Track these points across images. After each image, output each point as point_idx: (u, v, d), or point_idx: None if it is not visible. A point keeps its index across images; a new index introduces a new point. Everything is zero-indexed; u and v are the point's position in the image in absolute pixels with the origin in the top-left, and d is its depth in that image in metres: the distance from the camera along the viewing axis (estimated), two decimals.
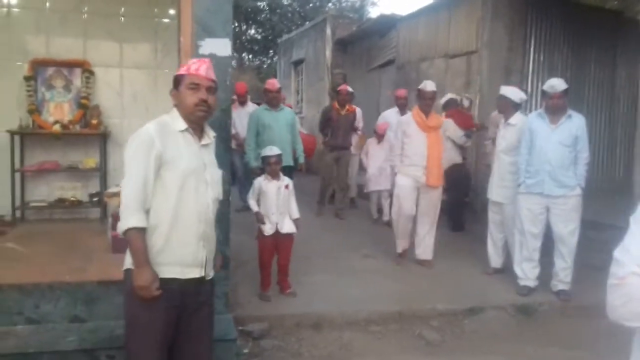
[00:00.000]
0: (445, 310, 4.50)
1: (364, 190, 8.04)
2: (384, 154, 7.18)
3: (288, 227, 4.53)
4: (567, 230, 4.70)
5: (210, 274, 2.52)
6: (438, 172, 5.42)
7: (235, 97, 7.92)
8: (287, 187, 4.51)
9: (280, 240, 4.55)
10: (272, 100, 6.32)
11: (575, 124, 4.68)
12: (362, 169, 8.19)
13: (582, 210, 4.75)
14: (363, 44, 12.45)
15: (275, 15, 23.69)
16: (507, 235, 5.22)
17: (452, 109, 7.31)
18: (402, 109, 7.40)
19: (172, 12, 5.64)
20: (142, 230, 2.27)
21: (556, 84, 4.64)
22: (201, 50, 3.50)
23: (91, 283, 3.40)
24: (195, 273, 2.39)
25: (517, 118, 5.06)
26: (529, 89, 8.38)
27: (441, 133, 5.73)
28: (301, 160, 6.57)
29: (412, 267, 5.55)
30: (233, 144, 6.53)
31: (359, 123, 8.25)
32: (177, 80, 2.45)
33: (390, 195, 6.96)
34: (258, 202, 4.50)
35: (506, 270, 5.25)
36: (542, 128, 4.72)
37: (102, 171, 5.46)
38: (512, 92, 5.10)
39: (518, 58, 8.25)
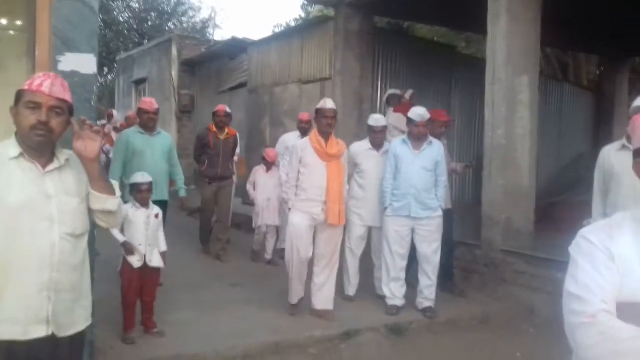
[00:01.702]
0: (322, 337, 4.44)
1: (252, 225, 6.95)
2: (273, 184, 6.55)
3: (156, 260, 4.16)
4: (431, 249, 4.94)
5: (68, 331, 2.05)
6: (339, 208, 4.64)
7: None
8: (156, 216, 4.15)
9: (147, 275, 4.15)
10: (148, 122, 5.36)
11: (435, 149, 4.98)
12: (247, 202, 7.34)
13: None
14: (212, 65, 12.22)
15: (110, 31, 22.41)
16: (373, 258, 5.36)
17: (395, 104, 6.87)
18: (304, 134, 6.56)
19: (5, 22, 4.97)
20: None
21: (422, 112, 4.90)
22: (61, 66, 3.10)
23: None
24: (38, 332, 1.94)
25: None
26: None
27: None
28: (182, 193, 5.73)
29: (280, 296, 5.41)
30: None
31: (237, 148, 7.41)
32: (17, 96, 2.00)
33: (277, 232, 6.68)
34: (122, 231, 4.08)
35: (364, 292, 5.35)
36: (405, 153, 4.93)
37: None
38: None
39: (368, 86, 8.64)
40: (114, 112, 10.62)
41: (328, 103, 4.66)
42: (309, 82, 9.15)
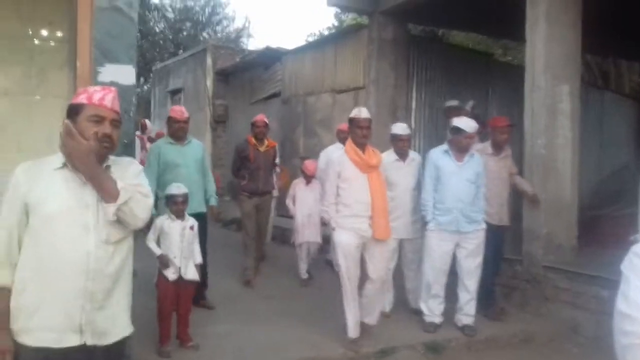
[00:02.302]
0: (358, 354, 4.33)
1: (291, 242, 6.65)
2: (314, 198, 6.16)
3: (192, 273, 4.13)
4: (475, 264, 4.80)
5: (104, 341, 2.06)
6: (386, 222, 4.34)
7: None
8: (192, 228, 4.13)
9: (183, 288, 4.13)
10: (178, 131, 5.12)
11: (476, 161, 4.86)
12: (288, 215, 6.90)
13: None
14: (246, 75, 12.27)
15: (147, 41, 22.82)
16: (405, 270, 5.23)
17: (455, 116, 6.21)
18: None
19: (46, 33, 5.05)
20: (5, 290, 1.97)
21: (473, 124, 4.79)
22: (101, 77, 3.12)
23: None
24: (71, 341, 1.97)
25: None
26: (413, 124, 8.70)
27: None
28: (213, 202, 5.32)
29: (315, 310, 5.34)
30: None
31: (277, 159, 7.07)
32: (75, 110, 2.07)
33: (321, 249, 6.37)
34: (158, 243, 4.07)
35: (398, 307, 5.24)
36: (448, 165, 4.80)
37: None
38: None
39: (402, 95, 8.54)
40: (147, 122, 10.73)
41: (363, 112, 4.38)
42: (342, 91, 9.09)
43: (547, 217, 5.69)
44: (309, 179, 6.37)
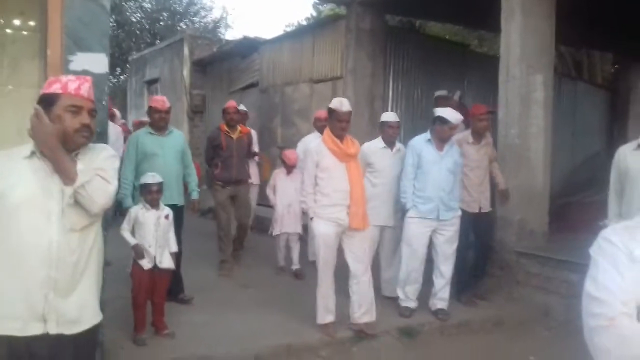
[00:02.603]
0: (334, 340, 4.39)
1: (268, 232, 6.56)
2: (294, 188, 5.99)
3: (167, 262, 4.14)
4: (452, 249, 4.92)
5: (70, 330, 2.03)
6: (363, 211, 4.34)
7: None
8: (167, 217, 4.13)
9: (158, 276, 4.14)
10: (159, 121, 4.98)
11: (455, 150, 4.97)
12: (269, 205, 6.79)
13: None
14: (223, 65, 12.20)
15: (123, 31, 22.49)
16: (382, 258, 5.31)
17: (443, 106, 5.92)
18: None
19: (18, 22, 4.97)
20: None
21: (458, 115, 4.85)
22: (72, 66, 3.10)
23: None
24: (34, 329, 1.96)
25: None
26: None
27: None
28: (195, 195, 5.25)
29: (295, 294, 5.39)
30: None
31: (255, 146, 7.01)
32: (49, 100, 2.03)
33: (300, 239, 6.30)
34: (132, 233, 4.07)
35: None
36: (430, 154, 4.86)
37: None
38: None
39: (379, 85, 8.58)
40: (116, 111, 10.59)
41: (344, 105, 4.29)
42: (320, 81, 9.10)
43: (520, 205, 5.80)
44: (289, 168, 6.25)
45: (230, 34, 25.20)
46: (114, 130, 6.67)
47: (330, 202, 4.27)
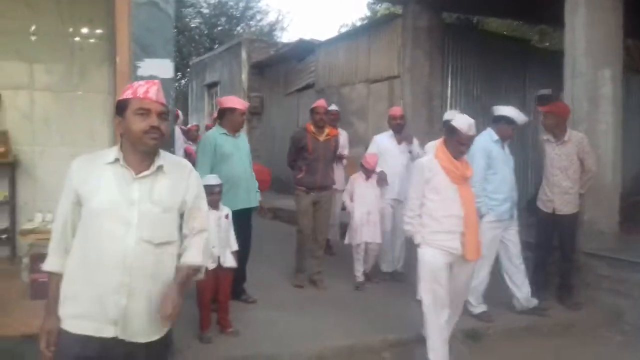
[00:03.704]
0: (396, 341, 4.36)
1: (345, 242, 5.89)
2: (374, 195, 5.61)
3: (230, 261, 4.22)
4: (520, 245, 4.88)
5: (141, 339, 2.07)
6: (477, 239, 3.84)
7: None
8: (227, 217, 4.21)
9: (221, 276, 4.22)
10: (235, 123, 4.85)
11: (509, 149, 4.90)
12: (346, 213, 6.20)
13: None
14: (280, 68, 12.36)
15: (183, 37, 23.14)
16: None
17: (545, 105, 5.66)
18: (399, 132, 5.85)
19: (86, 30, 5.20)
20: (56, 276, 2.07)
21: (523, 117, 4.81)
22: (140, 72, 3.20)
23: (13, 339, 2.93)
24: (107, 332, 2.01)
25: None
26: None
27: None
28: (258, 197, 5.11)
29: (358, 295, 5.37)
30: None
31: (345, 150, 6.44)
32: (122, 106, 2.10)
33: (379, 251, 5.77)
34: None
35: None
36: (500, 154, 4.76)
37: (11, 204, 4.89)
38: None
39: (438, 83, 8.47)
40: (180, 112, 10.86)
41: (472, 129, 3.72)
42: (376, 81, 9.07)
43: (589, 204, 5.56)
44: (369, 173, 5.66)
45: (286, 37, 25.50)
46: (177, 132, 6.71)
47: (442, 228, 3.75)
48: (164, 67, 3.23)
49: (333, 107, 6.68)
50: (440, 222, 3.75)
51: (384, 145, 5.87)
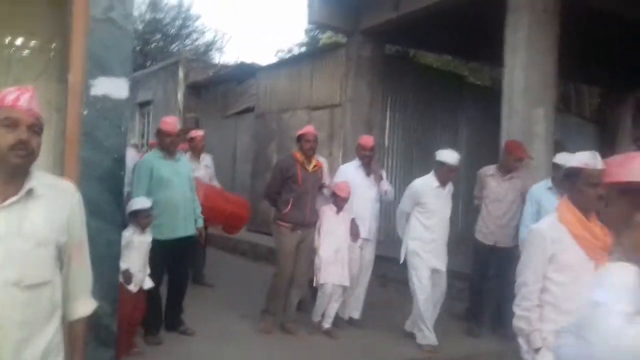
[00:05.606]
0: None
1: (313, 284, 5.12)
2: (344, 230, 5.06)
3: (148, 282, 4.17)
4: None
5: None
6: None
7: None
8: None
9: (140, 298, 4.14)
10: (170, 146, 4.56)
11: None
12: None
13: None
14: (219, 89, 12.21)
15: None
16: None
17: None
18: (367, 165, 5.32)
19: (20, 42, 4.91)
20: None
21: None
22: (93, 91, 3.04)
23: None
24: None
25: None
26: (387, 142, 8.83)
27: None
28: (200, 223, 4.79)
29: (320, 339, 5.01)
30: None
31: (326, 178, 5.46)
32: None
33: (343, 295, 5.11)
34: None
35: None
36: (551, 202, 4.10)
37: None
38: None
39: (378, 113, 8.64)
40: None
41: (599, 162, 2.42)
42: (318, 108, 9.14)
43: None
44: (340, 204, 5.02)
45: (223, 58, 25.31)
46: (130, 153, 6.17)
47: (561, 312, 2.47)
48: (119, 86, 3.09)
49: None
50: (567, 315, 2.31)
51: (351, 177, 5.26)
